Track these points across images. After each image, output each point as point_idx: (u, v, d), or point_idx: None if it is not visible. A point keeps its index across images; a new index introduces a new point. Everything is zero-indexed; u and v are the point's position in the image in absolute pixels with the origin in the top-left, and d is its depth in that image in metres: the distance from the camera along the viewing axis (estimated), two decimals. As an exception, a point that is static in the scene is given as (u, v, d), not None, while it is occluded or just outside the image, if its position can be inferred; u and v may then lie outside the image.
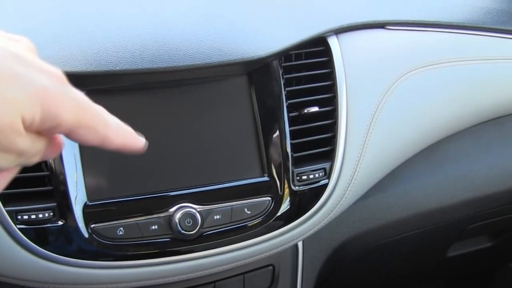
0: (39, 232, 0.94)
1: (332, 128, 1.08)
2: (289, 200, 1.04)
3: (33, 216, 0.93)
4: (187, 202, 0.99)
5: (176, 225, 0.97)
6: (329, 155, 1.08)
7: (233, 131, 1.02)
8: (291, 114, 1.05)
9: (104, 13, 1.02)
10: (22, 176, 0.93)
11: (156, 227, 0.97)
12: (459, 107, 1.23)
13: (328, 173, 1.07)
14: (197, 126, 1.01)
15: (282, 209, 1.04)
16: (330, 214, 1.09)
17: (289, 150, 1.04)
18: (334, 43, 1.10)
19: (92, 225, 0.95)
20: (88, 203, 0.95)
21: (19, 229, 0.93)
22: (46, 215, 0.94)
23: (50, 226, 0.94)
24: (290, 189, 1.04)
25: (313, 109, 1.07)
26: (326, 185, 1.07)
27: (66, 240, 0.95)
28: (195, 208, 0.98)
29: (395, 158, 1.17)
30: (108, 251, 0.96)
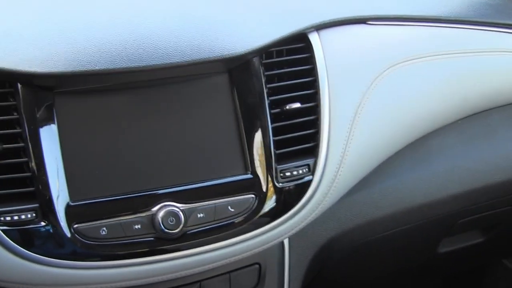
0: (22, 233, 0.94)
1: (315, 124, 1.08)
2: (273, 197, 1.04)
3: (16, 217, 0.93)
4: (170, 200, 0.98)
5: (159, 224, 0.97)
6: (313, 151, 1.08)
7: (215, 129, 1.02)
8: (273, 111, 1.05)
9: (81, 13, 1.02)
10: (3, 178, 0.93)
11: (139, 226, 0.97)
12: (442, 101, 1.23)
13: (312, 169, 1.07)
14: (179, 125, 1.00)
15: (267, 207, 1.04)
16: (315, 210, 1.09)
17: (272, 147, 1.04)
18: (315, 39, 1.10)
19: (75, 226, 0.95)
20: (70, 203, 0.95)
21: (2, 230, 0.92)
22: (29, 216, 0.93)
23: (33, 227, 0.94)
24: (274, 186, 1.04)
25: (295, 105, 1.06)
26: (310, 181, 1.07)
27: (49, 241, 0.95)
28: (178, 207, 0.98)
29: (380, 153, 1.17)
30: (91, 251, 0.96)
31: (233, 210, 1.02)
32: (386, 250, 1.43)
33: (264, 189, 1.03)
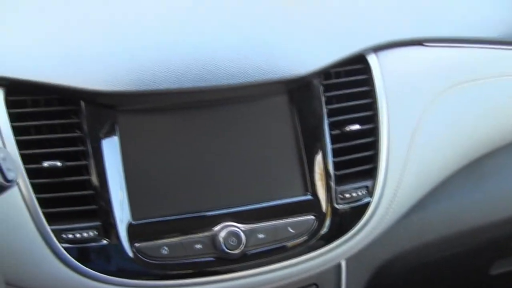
0: (84, 251, 0.94)
1: (374, 145, 1.07)
2: (332, 219, 1.04)
3: (78, 235, 0.94)
4: (231, 221, 0.98)
5: (221, 244, 0.97)
6: (371, 173, 1.07)
7: (275, 150, 1.02)
8: (332, 132, 1.05)
9: (145, 31, 1.03)
10: (66, 195, 0.94)
11: (201, 246, 0.97)
12: (499, 122, 1.22)
13: (370, 191, 1.07)
14: (240, 145, 1.01)
15: (326, 228, 1.04)
16: (372, 232, 1.08)
17: (331, 168, 1.04)
18: (373, 60, 1.10)
19: (137, 244, 0.95)
20: (132, 222, 0.95)
21: (64, 248, 0.93)
22: (91, 234, 0.94)
23: (95, 245, 0.94)
24: (333, 208, 1.04)
25: (355, 127, 1.06)
26: (368, 203, 1.06)
27: (110, 259, 0.95)
28: (239, 227, 0.98)
29: (436, 175, 1.16)
30: (152, 270, 0.96)
31: (293, 231, 1.02)
32: (439, 272, 1.42)
33: (324, 210, 1.03)
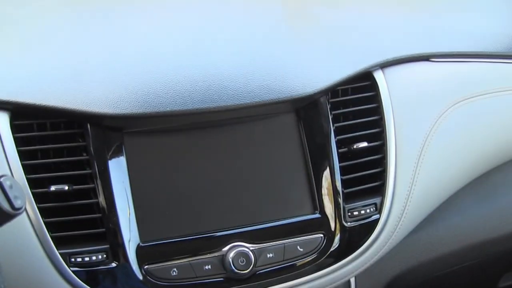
0: (93, 274, 0.94)
1: (382, 162, 1.07)
2: (341, 237, 1.04)
3: (87, 259, 0.94)
4: (239, 241, 0.98)
5: (230, 264, 0.97)
6: (379, 190, 1.07)
7: (283, 168, 1.02)
8: (340, 150, 1.05)
9: (150, 54, 1.03)
10: (74, 219, 0.94)
11: (210, 267, 0.97)
12: (507, 136, 1.22)
13: (379, 208, 1.07)
14: (247, 164, 1.01)
15: (335, 246, 1.03)
16: (382, 249, 1.08)
17: (339, 186, 1.04)
18: (380, 77, 1.10)
19: (146, 266, 0.95)
20: (141, 244, 0.95)
21: (73, 271, 0.93)
22: (100, 257, 0.94)
23: (104, 268, 0.94)
24: (342, 226, 1.04)
25: (362, 144, 1.06)
26: (377, 220, 1.06)
27: (120, 281, 0.95)
28: (248, 247, 0.98)
29: (445, 190, 1.16)
30: None
31: (302, 249, 1.01)
32: (448, 285, 1.41)
33: (333, 228, 1.03)
